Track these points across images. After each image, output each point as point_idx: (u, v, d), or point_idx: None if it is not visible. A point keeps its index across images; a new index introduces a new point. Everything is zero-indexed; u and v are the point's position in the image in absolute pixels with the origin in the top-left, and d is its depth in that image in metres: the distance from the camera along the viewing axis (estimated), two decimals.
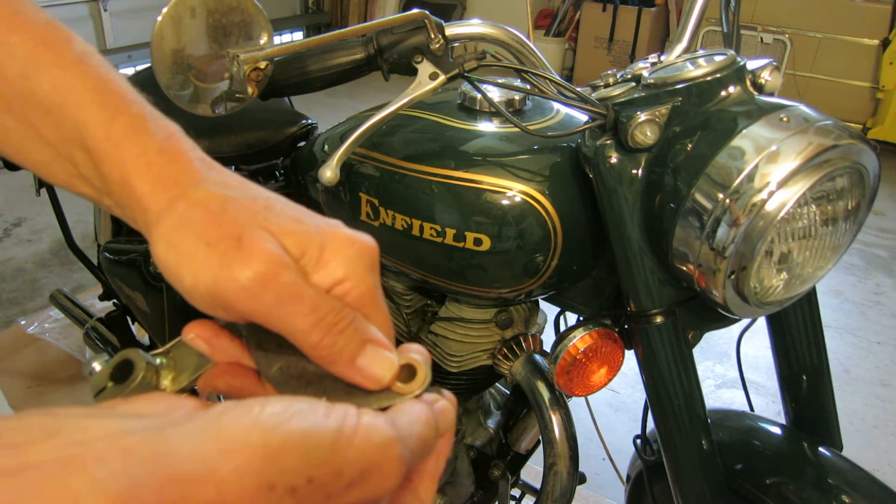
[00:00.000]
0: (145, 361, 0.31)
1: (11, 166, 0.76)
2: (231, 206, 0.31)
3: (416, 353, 0.32)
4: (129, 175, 0.32)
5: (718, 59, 0.71)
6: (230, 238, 0.30)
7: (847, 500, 0.80)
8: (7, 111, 0.35)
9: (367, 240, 0.34)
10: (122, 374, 0.31)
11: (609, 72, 0.76)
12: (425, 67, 0.72)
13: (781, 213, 0.63)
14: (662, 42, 4.68)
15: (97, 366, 0.31)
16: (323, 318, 0.30)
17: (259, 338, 0.32)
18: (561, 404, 0.91)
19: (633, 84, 0.72)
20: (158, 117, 0.34)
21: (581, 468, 0.95)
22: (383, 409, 0.30)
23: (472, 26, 0.76)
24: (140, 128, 0.33)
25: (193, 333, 0.33)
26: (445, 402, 0.31)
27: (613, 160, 0.71)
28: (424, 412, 0.30)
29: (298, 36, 5.46)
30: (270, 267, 0.30)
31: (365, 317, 0.32)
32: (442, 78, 0.71)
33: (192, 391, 0.32)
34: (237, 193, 0.32)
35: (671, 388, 0.78)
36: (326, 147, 0.97)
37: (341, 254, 0.32)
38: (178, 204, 0.31)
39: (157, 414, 0.25)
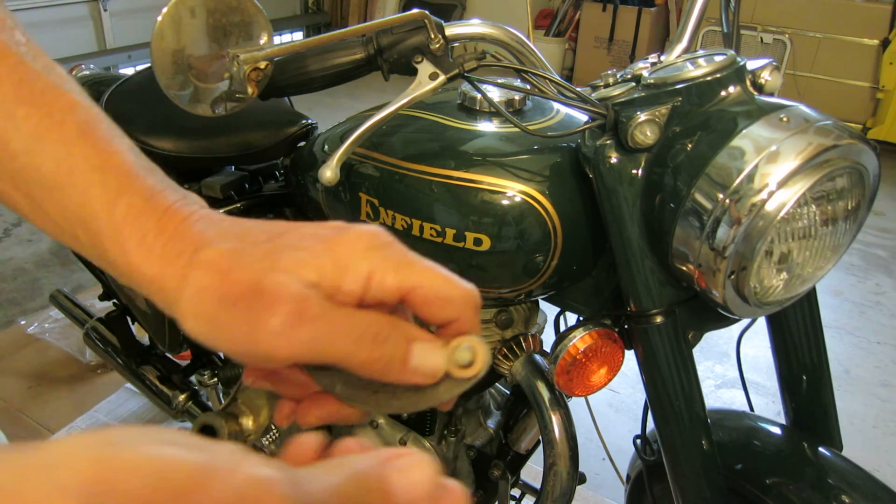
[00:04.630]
0: (223, 419, 0.32)
1: None
2: (240, 259, 0.31)
3: (470, 338, 0.32)
4: (134, 262, 0.33)
5: (718, 59, 0.71)
6: (250, 291, 0.30)
7: (847, 500, 0.80)
8: (13, 185, 0.35)
9: (371, 229, 0.33)
10: (209, 436, 0.31)
11: (609, 72, 0.76)
12: (425, 67, 0.72)
13: (781, 213, 0.63)
14: (662, 42, 4.67)
15: None
16: (363, 334, 0.30)
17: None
18: (561, 404, 0.91)
19: (633, 84, 0.72)
20: (157, 187, 0.34)
21: (581, 468, 0.95)
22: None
23: (472, 26, 0.76)
24: (139, 209, 0.33)
25: (252, 378, 0.34)
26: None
27: (613, 160, 0.71)
28: (350, 464, 0.26)
29: (298, 36, 5.46)
30: (297, 305, 0.30)
31: (412, 284, 0.32)
32: (442, 78, 0.71)
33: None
34: (240, 243, 0.32)
35: (671, 388, 0.78)
36: (326, 147, 0.97)
37: (355, 254, 0.32)
38: (190, 274, 0.31)
39: None
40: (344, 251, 0.32)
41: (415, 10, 0.70)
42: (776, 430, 0.93)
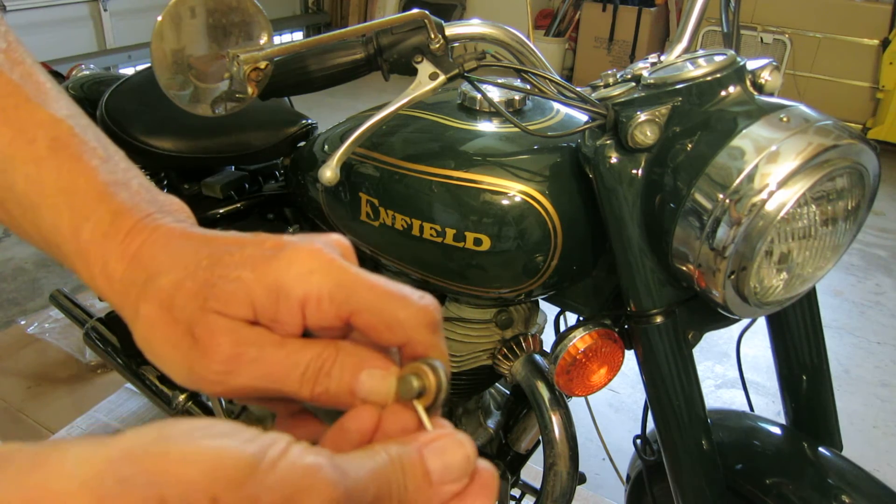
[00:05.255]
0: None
1: None
2: (178, 294, 0.31)
3: (422, 365, 0.30)
4: (99, 287, 0.33)
5: (718, 59, 0.71)
6: (185, 335, 0.30)
7: (847, 500, 0.80)
8: None
9: (311, 245, 0.31)
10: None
11: (609, 72, 0.76)
12: (425, 67, 0.72)
13: (781, 214, 0.63)
14: (662, 42, 4.67)
15: None
16: (305, 371, 0.30)
17: None
18: (561, 404, 0.91)
19: (633, 84, 0.72)
20: (126, 204, 0.33)
21: (581, 468, 0.95)
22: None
23: (472, 26, 0.76)
24: (103, 231, 0.33)
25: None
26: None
27: (613, 160, 0.71)
28: (386, 450, 0.27)
29: (298, 36, 5.46)
30: (231, 351, 0.29)
31: (351, 308, 0.30)
32: (442, 78, 0.71)
33: None
34: (183, 272, 0.31)
35: (671, 388, 0.78)
36: (326, 147, 0.97)
37: (289, 279, 0.30)
38: (140, 308, 0.31)
39: None
40: (276, 276, 0.30)
41: (415, 10, 0.70)
42: (776, 430, 0.93)
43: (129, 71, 1.73)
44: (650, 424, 0.85)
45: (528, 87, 0.77)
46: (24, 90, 0.35)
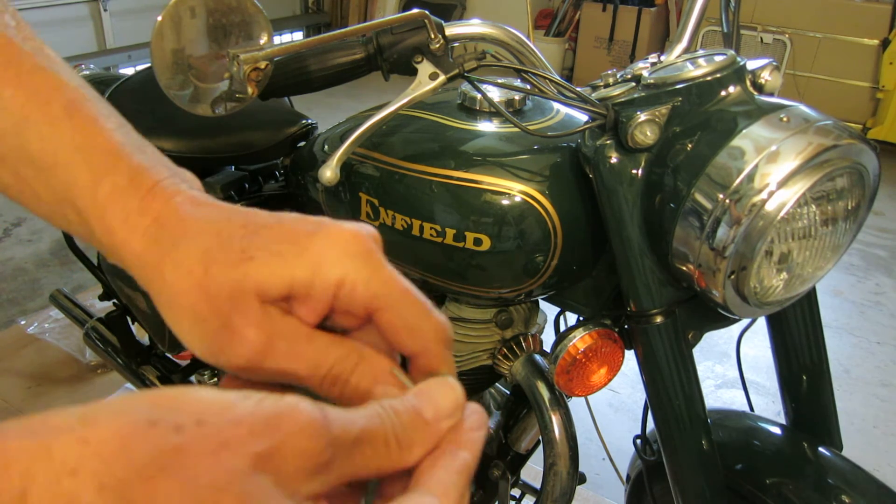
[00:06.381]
0: None
1: None
2: (212, 263, 0.30)
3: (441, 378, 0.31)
4: (119, 241, 0.32)
5: (718, 59, 0.71)
6: (216, 315, 0.30)
7: (847, 500, 0.80)
8: (3, 165, 0.35)
9: (352, 230, 0.31)
10: None
11: (609, 72, 0.76)
12: (425, 67, 0.72)
13: (781, 213, 0.63)
14: (662, 42, 4.68)
15: None
16: (326, 374, 0.30)
17: None
18: (561, 404, 0.91)
19: (633, 84, 0.72)
20: (143, 165, 0.33)
21: (581, 468, 0.95)
22: None
23: (472, 26, 0.76)
24: (122, 188, 0.32)
25: (228, 387, 0.34)
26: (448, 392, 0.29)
27: (613, 160, 0.71)
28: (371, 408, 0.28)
29: (298, 36, 5.46)
30: (262, 344, 0.30)
31: (381, 304, 0.30)
32: (442, 78, 0.71)
33: None
34: (216, 240, 0.31)
35: (671, 388, 0.78)
36: (326, 147, 0.97)
37: (328, 258, 0.30)
38: (167, 272, 0.31)
39: None
40: (317, 253, 0.30)
41: (415, 10, 0.70)
42: (776, 430, 0.93)
43: (129, 71, 1.73)
44: (650, 424, 0.85)
45: (528, 87, 0.77)
46: (37, 59, 0.35)
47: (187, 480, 0.21)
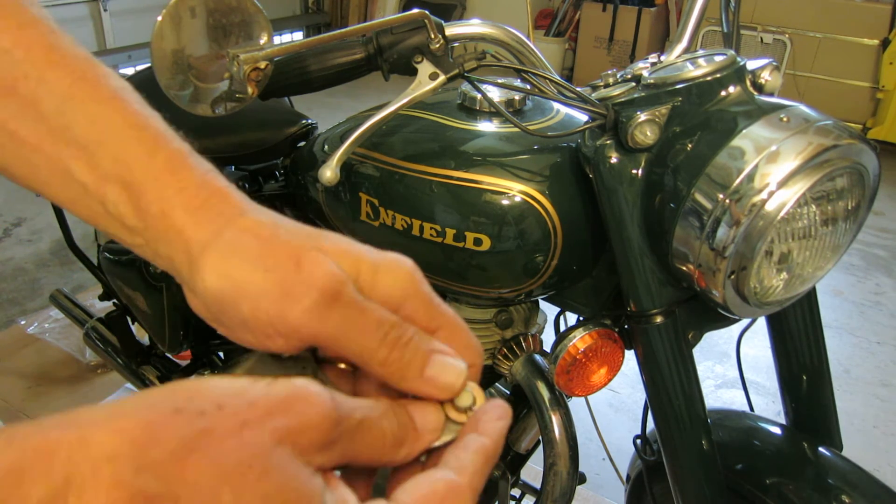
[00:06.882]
0: None
1: None
2: (282, 231, 0.32)
3: (473, 384, 0.33)
4: (169, 208, 0.32)
5: (718, 59, 0.71)
6: (288, 261, 0.30)
7: (847, 500, 0.80)
8: (36, 149, 0.35)
9: (410, 261, 0.34)
10: None
11: (609, 72, 0.76)
12: (425, 67, 0.72)
13: (781, 214, 0.63)
14: (662, 42, 4.68)
15: None
16: (388, 332, 0.31)
17: (313, 369, 0.33)
18: (561, 404, 0.91)
19: (633, 84, 0.72)
20: (196, 154, 0.35)
21: (581, 468, 0.94)
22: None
23: (472, 26, 0.76)
24: (180, 163, 0.33)
25: None
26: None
27: (613, 160, 0.71)
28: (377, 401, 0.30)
29: (298, 36, 5.46)
30: (334, 286, 0.30)
31: (439, 323, 0.33)
32: (442, 78, 0.71)
33: None
34: (281, 220, 0.33)
35: (671, 388, 0.78)
36: (326, 147, 0.97)
37: (394, 275, 0.32)
38: (226, 233, 0.31)
39: None
40: (385, 267, 0.32)
41: (415, 10, 0.70)
42: (776, 430, 0.93)
43: (129, 71, 1.73)
44: (650, 424, 0.85)
45: (528, 87, 0.77)
46: (78, 49, 0.36)
47: (216, 458, 0.23)
